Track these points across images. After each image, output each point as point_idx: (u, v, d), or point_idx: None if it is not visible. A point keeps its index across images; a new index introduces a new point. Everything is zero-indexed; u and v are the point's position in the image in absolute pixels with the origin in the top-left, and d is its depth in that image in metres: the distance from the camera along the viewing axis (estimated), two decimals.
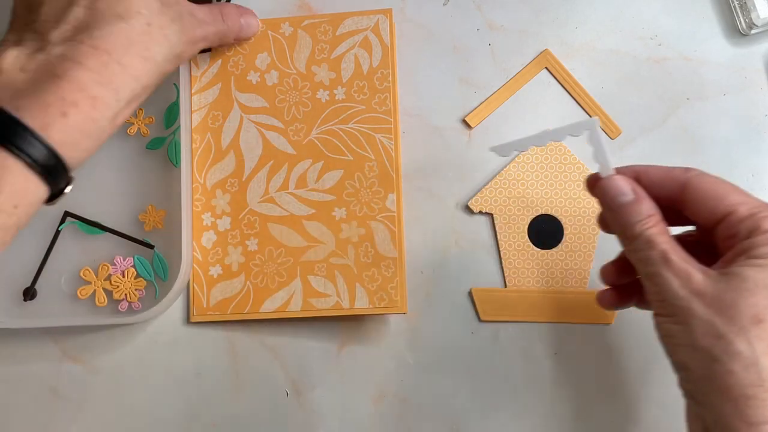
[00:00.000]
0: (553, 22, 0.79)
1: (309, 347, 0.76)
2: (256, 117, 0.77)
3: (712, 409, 0.53)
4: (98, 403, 0.77)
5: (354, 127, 0.75)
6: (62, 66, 0.55)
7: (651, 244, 0.56)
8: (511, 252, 0.76)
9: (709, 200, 0.57)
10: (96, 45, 0.57)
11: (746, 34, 0.77)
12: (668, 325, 0.55)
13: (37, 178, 0.53)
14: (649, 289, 0.57)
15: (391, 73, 0.76)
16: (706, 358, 0.53)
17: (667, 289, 0.55)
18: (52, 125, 0.53)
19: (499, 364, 0.75)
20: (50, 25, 0.57)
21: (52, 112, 0.53)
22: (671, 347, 0.56)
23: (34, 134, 0.52)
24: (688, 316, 0.53)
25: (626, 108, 0.77)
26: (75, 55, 0.56)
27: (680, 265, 0.55)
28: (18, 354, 0.78)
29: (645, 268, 0.57)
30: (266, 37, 0.77)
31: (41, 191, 0.55)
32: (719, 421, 0.53)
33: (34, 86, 0.54)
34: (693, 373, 0.55)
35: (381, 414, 0.75)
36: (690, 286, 0.54)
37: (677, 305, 0.54)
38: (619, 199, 0.58)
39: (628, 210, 0.58)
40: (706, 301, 0.53)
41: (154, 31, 0.61)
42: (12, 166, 0.52)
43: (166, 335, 0.77)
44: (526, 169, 0.76)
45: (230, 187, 0.76)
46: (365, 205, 0.74)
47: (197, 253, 0.76)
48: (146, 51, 0.60)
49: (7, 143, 0.51)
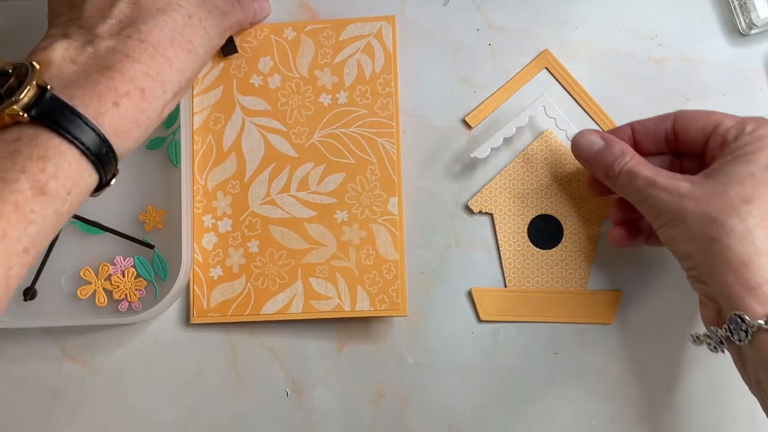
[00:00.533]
0: (553, 22, 0.78)
1: (309, 347, 0.76)
2: (258, 120, 0.77)
3: (718, 285, 0.58)
4: (98, 403, 0.77)
5: (356, 130, 0.76)
6: (112, 58, 0.56)
7: (633, 175, 0.64)
8: (511, 252, 0.76)
9: (697, 121, 0.65)
10: (143, 39, 0.58)
11: (746, 34, 0.77)
12: (668, 230, 0.62)
13: (90, 165, 0.54)
14: (646, 213, 0.64)
15: (393, 78, 0.76)
16: (704, 241, 0.58)
17: (659, 202, 0.61)
18: (104, 114, 0.54)
19: (499, 364, 0.75)
20: (96, 20, 0.58)
21: (105, 101, 0.55)
22: (674, 245, 0.62)
23: (88, 122, 0.53)
24: (683, 214, 0.60)
25: (626, 108, 0.77)
26: (124, 49, 0.57)
27: (665, 181, 0.62)
28: (18, 354, 0.77)
29: (637, 196, 0.64)
30: (269, 41, 0.77)
31: (92, 179, 0.55)
32: (724, 293, 0.57)
33: (87, 77, 0.55)
34: (696, 257, 0.60)
35: (381, 414, 0.75)
36: (679, 193, 0.60)
37: (671, 210, 0.61)
38: (591, 148, 0.68)
39: (603, 154, 0.67)
40: (696, 198, 0.59)
41: (195, 23, 0.62)
42: (66, 152, 0.52)
43: (166, 335, 0.77)
44: (526, 169, 0.76)
45: (231, 189, 0.76)
46: (367, 207, 0.75)
47: (198, 254, 0.76)
48: (189, 44, 0.62)
49: (61, 130, 0.52)
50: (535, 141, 0.76)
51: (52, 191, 0.51)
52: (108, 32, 0.58)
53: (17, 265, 0.50)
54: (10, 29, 0.80)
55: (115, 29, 0.58)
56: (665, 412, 0.74)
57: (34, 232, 0.51)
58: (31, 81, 0.52)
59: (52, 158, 0.52)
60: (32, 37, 0.77)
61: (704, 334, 0.62)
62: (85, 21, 0.59)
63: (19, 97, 0.51)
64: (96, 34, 0.58)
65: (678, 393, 0.74)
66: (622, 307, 0.75)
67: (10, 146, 0.51)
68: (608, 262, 0.75)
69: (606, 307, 0.74)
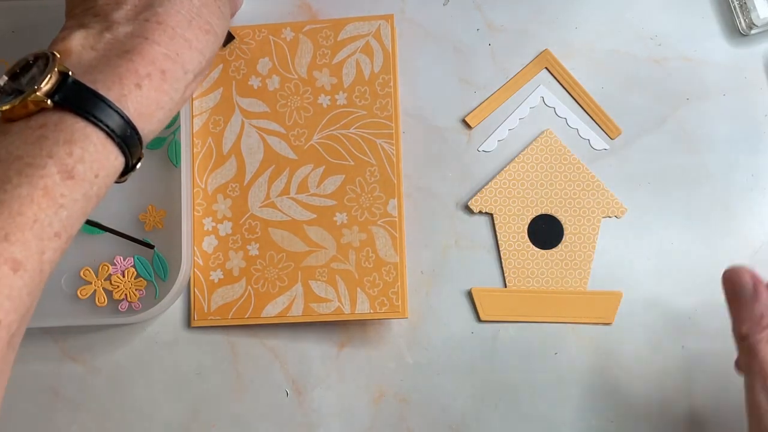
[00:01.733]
0: (553, 22, 0.78)
1: (309, 347, 0.76)
2: (257, 122, 0.77)
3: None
4: (98, 403, 0.77)
5: (355, 132, 0.75)
6: (132, 42, 0.56)
7: (753, 352, 0.58)
8: (511, 252, 0.76)
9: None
10: (161, 21, 0.58)
11: (746, 34, 0.77)
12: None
13: (116, 148, 0.54)
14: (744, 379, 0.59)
15: (392, 78, 0.76)
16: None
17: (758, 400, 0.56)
18: (127, 97, 0.54)
19: (499, 364, 0.75)
20: (111, 7, 0.58)
21: (127, 84, 0.54)
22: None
23: (111, 105, 0.53)
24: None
25: (626, 108, 0.77)
26: (143, 32, 0.57)
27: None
28: (18, 354, 0.77)
29: (744, 365, 0.59)
30: (267, 42, 0.77)
31: (119, 162, 0.55)
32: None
33: (107, 62, 0.55)
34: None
35: (381, 414, 0.75)
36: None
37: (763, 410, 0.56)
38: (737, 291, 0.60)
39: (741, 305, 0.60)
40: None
41: (210, 3, 0.62)
42: (92, 135, 0.52)
43: (166, 335, 0.77)
44: (526, 169, 0.76)
45: (231, 192, 0.76)
46: (366, 210, 0.74)
47: (198, 257, 0.76)
48: (207, 24, 0.61)
49: (86, 113, 0.52)
50: (535, 141, 0.76)
51: (80, 175, 0.51)
52: (125, 18, 0.58)
53: (50, 249, 0.50)
54: (10, 29, 0.80)
55: (131, 14, 0.58)
56: (666, 412, 0.74)
57: (65, 216, 0.51)
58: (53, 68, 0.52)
59: (79, 142, 0.52)
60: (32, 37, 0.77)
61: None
62: (100, 9, 0.59)
63: (41, 85, 0.51)
64: (113, 21, 0.58)
65: (678, 393, 0.74)
66: (622, 307, 0.75)
67: (36, 132, 0.51)
68: (608, 262, 0.75)
69: (606, 307, 0.74)
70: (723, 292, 0.61)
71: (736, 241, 0.75)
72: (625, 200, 0.76)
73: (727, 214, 0.76)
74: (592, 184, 0.75)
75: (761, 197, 0.76)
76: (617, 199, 0.75)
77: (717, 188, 0.76)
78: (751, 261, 0.75)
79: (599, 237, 0.75)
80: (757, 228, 0.75)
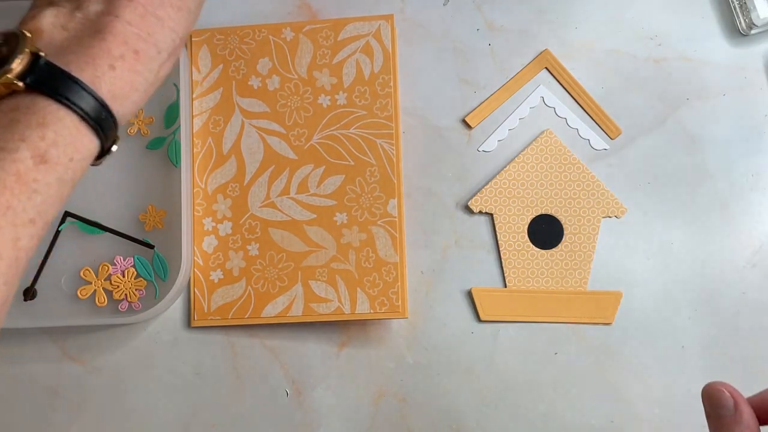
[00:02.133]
0: (553, 22, 0.78)
1: (309, 347, 0.76)
2: (257, 122, 0.77)
3: None
4: (98, 403, 0.77)
5: (355, 132, 0.75)
6: (102, 20, 0.55)
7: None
8: (511, 252, 0.76)
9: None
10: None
11: (746, 34, 0.77)
12: None
13: (90, 131, 0.53)
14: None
15: (392, 78, 0.76)
16: None
17: None
18: (101, 78, 0.53)
19: (499, 364, 0.75)
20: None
21: (101, 65, 0.53)
22: None
23: (85, 87, 0.52)
24: None
25: (626, 108, 0.77)
26: (113, 10, 0.56)
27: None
28: (18, 354, 0.78)
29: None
30: (267, 42, 0.77)
31: (93, 145, 0.54)
32: None
33: (79, 42, 0.54)
34: None
35: (381, 414, 0.75)
36: None
37: None
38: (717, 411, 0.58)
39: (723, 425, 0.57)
40: None
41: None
42: (65, 118, 0.52)
43: (166, 335, 0.77)
44: (526, 169, 0.76)
45: (231, 192, 0.76)
46: (366, 210, 0.74)
47: (198, 257, 0.76)
48: (179, 1, 0.60)
49: (58, 96, 0.51)
50: (535, 141, 0.76)
51: (53, 159, 0.51)
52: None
53: (25, 236, 0.49)
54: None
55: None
56: (666, 412, 0.74)
57: (39, 201, 0.50)
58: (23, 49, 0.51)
59: (51, 125, 0.51)
60: None
61: None
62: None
63: (12, 66, 0.50)
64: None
65: (678, 393, 0.74)
66: (622, 307, 0.75)
67: (7, 116, 0.51)
68: (608, 262, 0.75)
69: (606, 307, 0.74)
70: (703, 408, 0.58)
71: (736, 241, 0.75)
72: (625, 200, 0.76)
73: (727, 214, 0.76)
74: (592, 184, 0.75)
75: (761, 197, 0.76)
76: (617, 199, 0.75)
77: (717, 188, 0.76)
78: (751, 261, 0.75)
79: (599, 237, 0.75)
80: (757, 228, 0.75)
